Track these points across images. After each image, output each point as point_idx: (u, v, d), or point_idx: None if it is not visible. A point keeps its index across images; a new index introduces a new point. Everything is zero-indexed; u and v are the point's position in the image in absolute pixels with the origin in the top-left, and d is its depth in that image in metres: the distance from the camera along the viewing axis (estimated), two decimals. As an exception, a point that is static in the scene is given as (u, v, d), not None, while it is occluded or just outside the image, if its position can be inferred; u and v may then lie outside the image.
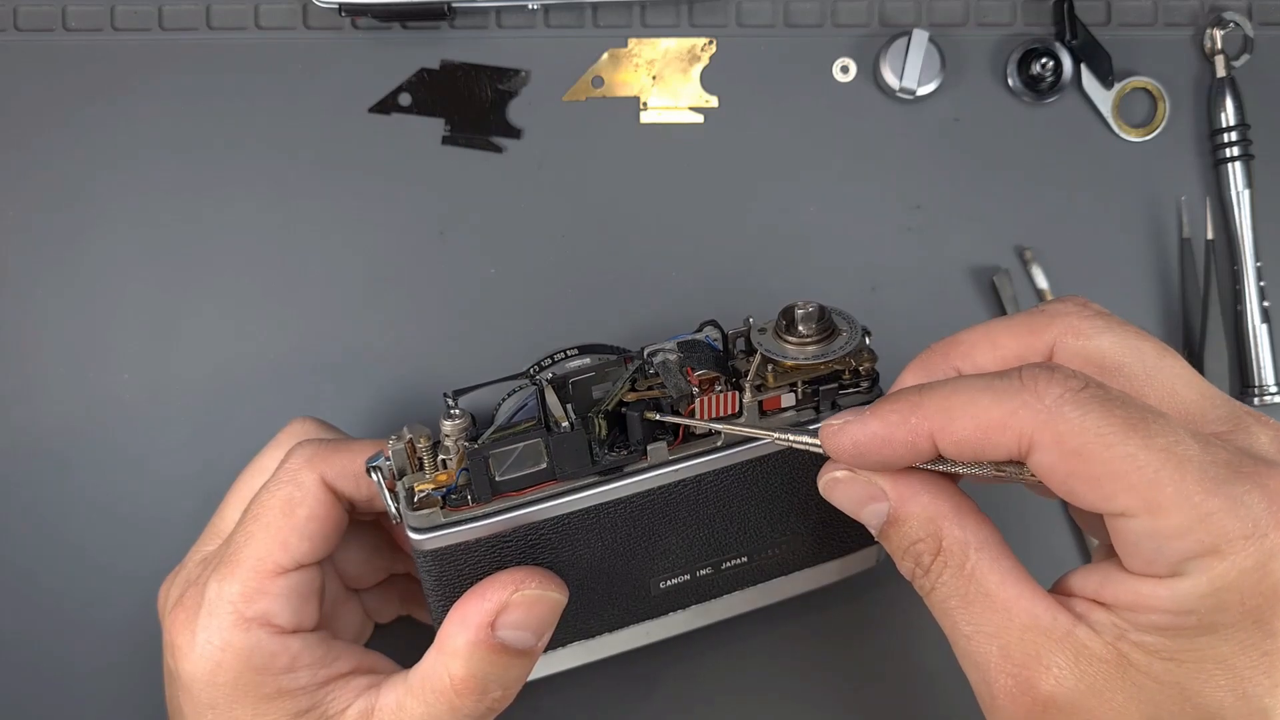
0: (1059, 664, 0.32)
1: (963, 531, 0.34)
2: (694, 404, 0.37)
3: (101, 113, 0.51)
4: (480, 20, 0.51)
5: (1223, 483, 0.30)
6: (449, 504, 0.37)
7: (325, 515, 0.40)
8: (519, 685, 0.40)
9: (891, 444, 0.33)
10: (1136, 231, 0.51)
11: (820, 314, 0.37)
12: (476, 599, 0.38)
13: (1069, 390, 0.31)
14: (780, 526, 0.42)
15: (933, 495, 0.34)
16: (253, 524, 0.40)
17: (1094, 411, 0.30)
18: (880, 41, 0.51)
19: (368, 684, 0.40)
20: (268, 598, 0.39)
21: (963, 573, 0.33)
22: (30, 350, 0.50)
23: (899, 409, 0.33)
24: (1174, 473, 0.30)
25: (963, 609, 0.33)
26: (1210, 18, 0.51)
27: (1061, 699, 0.32)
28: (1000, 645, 0.32)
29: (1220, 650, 0.30)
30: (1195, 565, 0.30)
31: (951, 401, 0.32)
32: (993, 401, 0.32)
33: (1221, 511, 0.29)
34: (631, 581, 0.42)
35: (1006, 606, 0.33)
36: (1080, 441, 0.30)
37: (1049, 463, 0.31)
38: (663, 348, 0.38)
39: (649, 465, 0.38)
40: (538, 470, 0.37)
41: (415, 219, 0.51)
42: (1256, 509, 0.30)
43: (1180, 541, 0.30)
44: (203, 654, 0.39)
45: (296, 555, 0.39)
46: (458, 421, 0.37)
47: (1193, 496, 0.30)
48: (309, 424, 0.44)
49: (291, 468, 0.40)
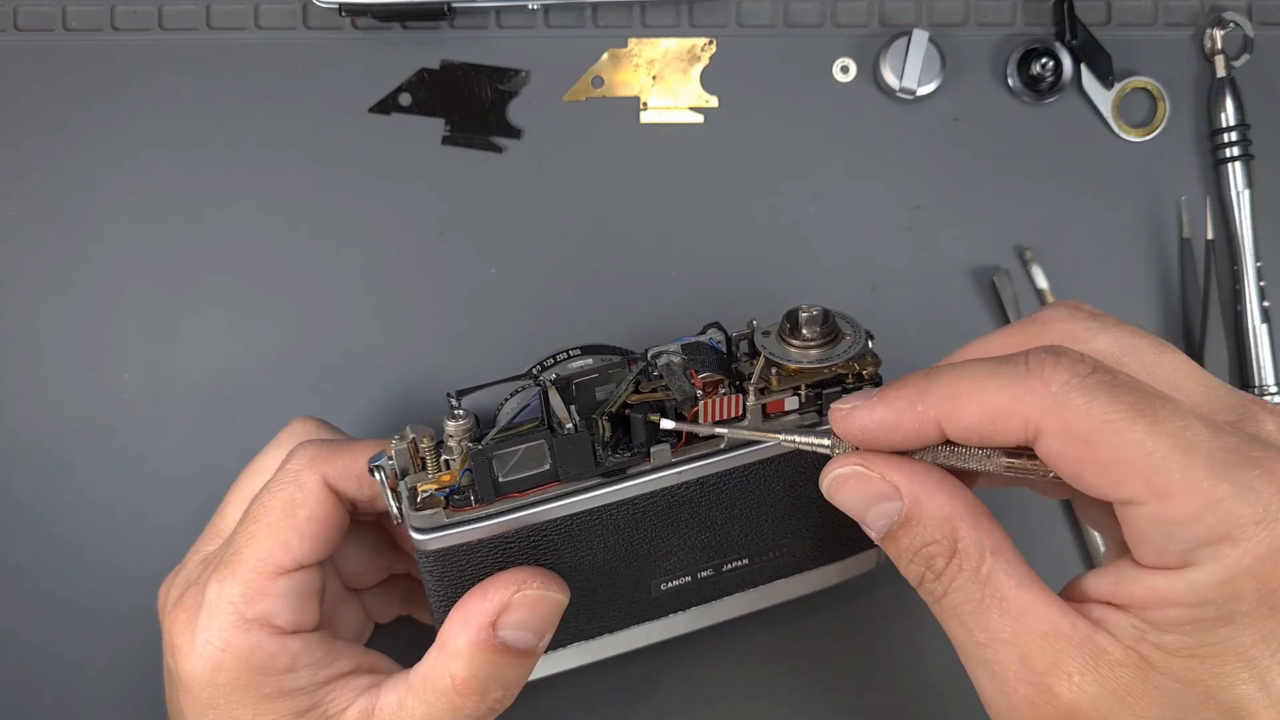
0: (1080, 671, 0.31)
1: (978, 534, 0.33)
2: (698, 406, 0.37)
3: (101, 113, 0.51)
4: (480, 20, 0.51)
5: (1232, 468, 0.29)
6: (452, 504, 0.37)
7: (327, 516, 0.40)
8: (520, 685, 0.40)
9: (899, 429, 0.33)
10: (1136, 231, 0.51)
11: (824, 317, 0.37)
12: (478, 599, 0.38)
13: (1076, 375, 0.31)
14: (782, 529, 0.42)
15: (949, 495, 0.33)
16: (254, 525, 0.40)
17: (1101, 397, 0.30)
18: (880, 41, 0.51)
19: (368, 684, 0.40)
20: (268, 598, 0.39)
21: (978, 577, 0.32)
22: (30, 350, 0.50)
23: (906, 394, 0.33)
24: (1182, 458, 0.29)
25: (977, 614, 0.32)
26: (1210, 18, 0.51)
27: (1084, 706, 0.31)
28: (1019, 653, 0.32)
29: (1239, 641, 0.30)
30: (1207, 553, 0.30)
31: (958, 387, 0.32)
32: (999, 387, 0.31)
33: (1231, 497, 0.29)
34: (633, 583, 0.42)
35: (1024, 612, 0.32)
36: (1088, 427, 0.30)
37: (1057, 449, 0.31)
38: (666, 350, 0.38)
39: (652, 467, 0.38)
40: (541, 471, 0.37)
41: (415, 219, 0.51)
42: (1267, 494, 0.29)
43: (1190, 528, 0.29)
44: (203, 654, 0.39)
45: (297, 556, 0.39)
46: (461, 422, 0.37)
47: (1202, 482, 0.29)
48: (309, 424, 0.44)
49: (293, 469, 0.40)
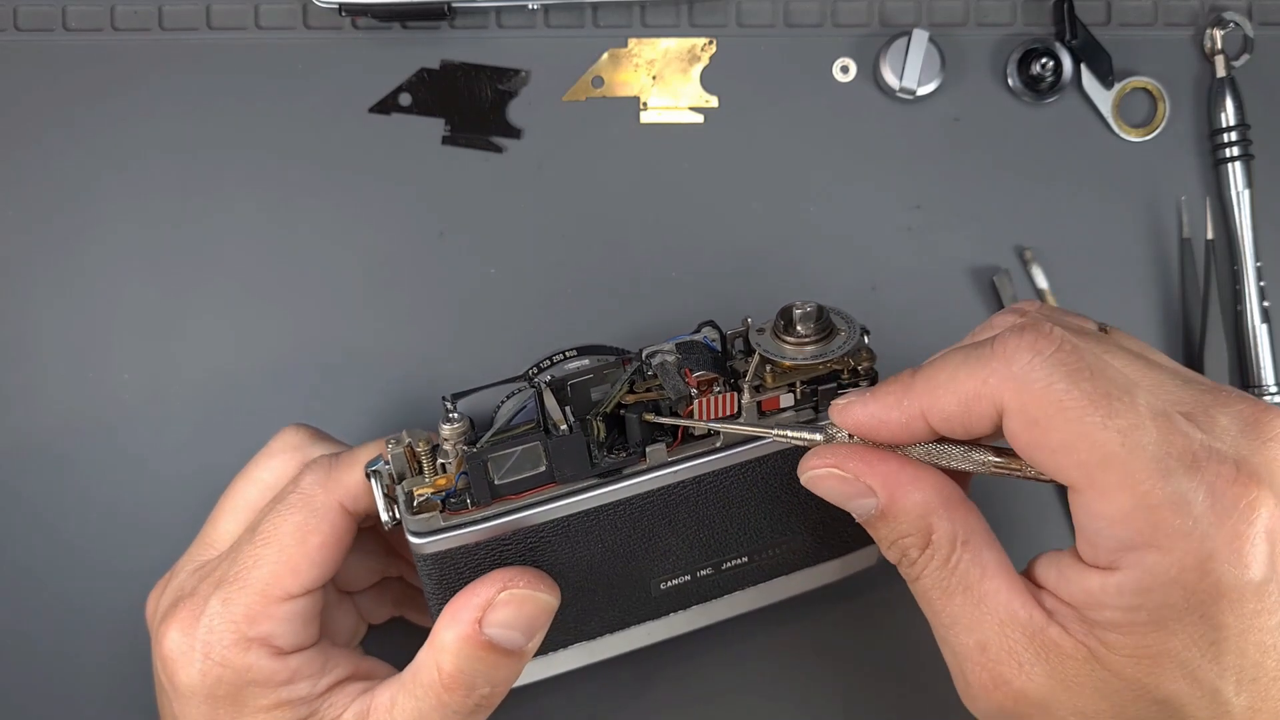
0: (1031, 660, 0.33)
1: (951, 525, 0.34)
2: (692, 405, 0.37)
3: (101, 113, 0.51)
4: (480, 20, 0.51)
5: (1171, 474, 0.30)
6: (448, 508, 0.37)
7: (339, 541, 0.40)
8: (509, 684, 0.40)
9: (889, 425, 0.34)
10: (1136, 231, 0.51)
11: (819, 314, 0.37)
12: (466, 595, 0.38)
13: (1039, 354, 0.31)
14: (780, 526, 0.42)
15: (924, 491, 0.34)
16: (264, 547, 0.39)
17: (1060, 381, 0.31)
18: (880, 41, 0.51)
19: (363, 688, 0.40)
20: (273, 621, 0.39)
21: (946, 566, 0.34)
22: (30, 350, 0.50)
23: (894, 391, 0.34)
24: (1126, 457, 0.30)
25: (943, 600, 0.34)
26: (1210, 18, 0.51)
27: (1033, 694, 0.33)
28: (977, 639, 0.33)
29: (1171, 645, 0.31)
30: (1133, 558, 0.30)
31: (936, 379, 0.33)
32: (969, 373, 0.32)
33: (1164, 505, 0.30)
34: (632, 582, 0.42)
35: (983, 600, 0.33)
36: (1040, 411, 0.31)
37: (1014, 429, 0.32)
38: (660, 349, 0.38)
39: (648, 467, 0.38)
40: (537, 473, 0.37)
41: (415, 219, 0.51)
42: (1200, 508, 0.30)
43: (1119, 528, 0.30)
44: (202, 670, 0.38)
45: (306, 582, 0.39)
46: (456, 425, 0.37)
47: (1140, 485, 0.30)
48: (302, 433, 0.43)
49: (306, 492, 0.40)
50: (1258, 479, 0.31)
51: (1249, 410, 0.32)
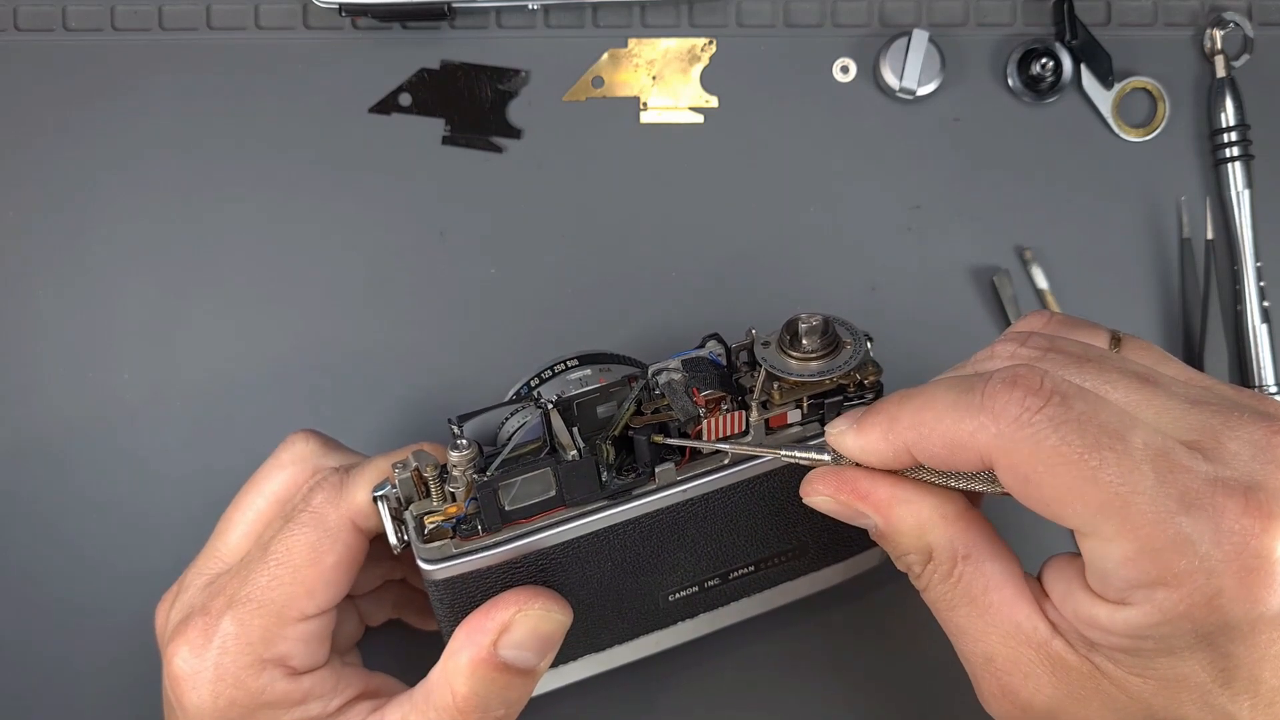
0: (1037, 673, 0.33)
1: (950, 541, 0.34)
2: (701, 425, 0.37)
3: (101, 113, 0.50)
4: (480, 20, 0.51)
5: (1172, 515, 0.29)
6: (459, 534, 0.37)
7: (354, 560, 0.40)
8: (522, 704, 0.40)
9: (877, 454, 0.34)
10: (1136, 231, 0.51)
11: (824, 327, 0.37)
12: (480, 618, 0.38)
13: (1026, 410, 0.31)
14: (787, 537, 0.43)
15: (918, 512, 0.34)
16: (278, 567, 0.39)
17: (1048, 439, 0.30)
18: (880, 41, 0.51)
19: (373, 706, 0.40)
20: (288, 642, 0.39)
21: (948, 580, 0.34)
22: (30, 350, 0.50)
23: (880, 423, 0.34)
24: (1122, 505, 0.30)
25: (949, 612, 0.35)
26: (1210, 18, 0.51)
27: (1040, 705, 0.33)
28: (983, 650, 0.34)
29: (1180, 670, 0.31)
30: (1143, 595, 0.30)
31: (922, 416, 0.33)
32: (955, 422, 0.32)
33: (1168, 549, 0.29)
34: (641, 596, 0.42)
35: (987, 613, 0.34)
36: (1030, 469, 0.30)
37: (1007, 482, 0.32)
38: (666, 367, 0.38)
39: (657, 487, 0.38)
40: (547, 498, 0.37)
41: (415, 219, 0.51)
42: (1205, 546, 0.29)
43: (1126, 570, 0.30)
44: (214, 691, 0.38)
45: (322, 602, 0.39)
46: (465, 452, 0.36)
47: (1140, 530, 0.29)
48: (312, 443, 0.42)
49: (318, 511, 0.39)
50: (1269, 507, 0.29)
51: (1261, 434, 0.31)
